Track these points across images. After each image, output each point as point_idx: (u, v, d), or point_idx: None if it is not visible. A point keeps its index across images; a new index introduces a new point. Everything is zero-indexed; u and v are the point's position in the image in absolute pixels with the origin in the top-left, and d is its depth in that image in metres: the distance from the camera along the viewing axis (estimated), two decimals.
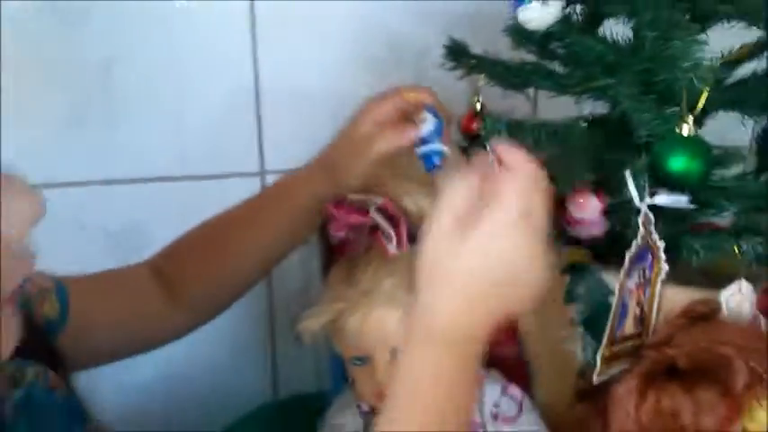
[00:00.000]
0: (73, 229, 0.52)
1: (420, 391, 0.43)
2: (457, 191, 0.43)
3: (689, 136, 0.47)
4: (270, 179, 0.84)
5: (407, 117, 0.61)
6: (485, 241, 0.41)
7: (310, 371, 0.93)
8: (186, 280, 0.64)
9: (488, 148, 0.44)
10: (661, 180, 0.48)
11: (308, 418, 0.69)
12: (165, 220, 0.73)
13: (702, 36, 0.49)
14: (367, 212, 0.55)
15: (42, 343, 0.51)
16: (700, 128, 0.60)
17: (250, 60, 0.81)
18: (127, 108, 0.77)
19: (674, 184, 0.48)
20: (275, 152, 0.84)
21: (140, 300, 0.62)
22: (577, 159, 0.50)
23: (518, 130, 0.59)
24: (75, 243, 0.75)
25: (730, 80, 0.60)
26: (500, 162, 0.43)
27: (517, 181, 0.42)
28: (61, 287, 0.56)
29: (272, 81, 0.82)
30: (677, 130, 0.47)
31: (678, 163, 0.46)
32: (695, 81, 0.47)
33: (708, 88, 0.47)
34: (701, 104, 0.47)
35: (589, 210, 0.50)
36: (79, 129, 0.72)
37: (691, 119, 0.47)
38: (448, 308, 0.42)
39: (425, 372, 0.43)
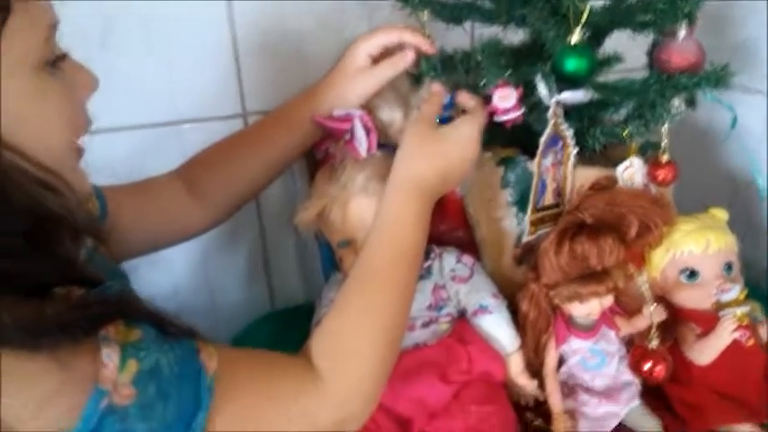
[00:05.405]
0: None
1: (388, 227, 0.61)
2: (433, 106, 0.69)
3: (576, 44, 0.62)
4: (251, 120, 0.97)
5: (391, 51, 0.75)
6: (453, 137, 0.66)
7: (300, 283, 1.07)
8: (207, 184, 0.76)
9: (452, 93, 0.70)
10: (561, 78, 0.63)
11: (301, 324, 0.80)
12: (165, 161, 0.81)
13: None
14: (349, 121, 0.69)
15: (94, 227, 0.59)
16: (599, 46, 0.75)
17: (226, 14, 0.91)
18: (122, 65, 0.88)
19: (569, 81, 0.63)
20: (254, 96, 0.96)
21: (167, 201, 0.75)
22: (496, 61, 0.65)
23: (451, 64, 0.74)
24: None
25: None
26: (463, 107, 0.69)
27: (475, 119, 0.67)
28: (99, 192, 0.67)
29: (247, 32, 0.92)
30: (568, 40, 0.62)
31: (570, 64, 0.61)
32: (576, 2, 0.61)
33: (588, 6, 0.61)
34: (584, 18, 0.61)
35: (510, 99, 0.65)
36: None
37: (577, 30, 0.62)
38: (422, 167, 0.64)
39: (395, 212, 0.62)
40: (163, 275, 0.98)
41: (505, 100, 0.64)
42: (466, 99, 0.70)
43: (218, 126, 0.89)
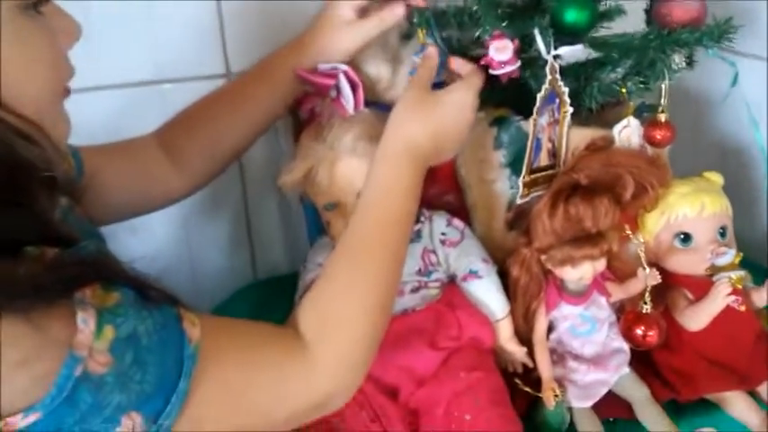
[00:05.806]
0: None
1: (379, 193, 0.59)
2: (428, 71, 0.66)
3: None
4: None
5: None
6: (448, 102, 0.63)
7: (284, 252, 1.05)
8: (187, 147, 0.74)
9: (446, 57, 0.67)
10: (559, 31, 0.61)
11: (285, 296, 0.79)
12: (145, 122, 0.77)
13: None
14: (334, 77, 0.66)
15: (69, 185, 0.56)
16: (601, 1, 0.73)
17: None
18: (103, 22, 0.83)
19: (568, 33, 0.61)
20: (238, 55, 0.92)
21: (145, 164, 0.72)
22: (492, 11, 0.62)
23: (444, 18, 0.72)
24: None
25: None
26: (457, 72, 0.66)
27: (471, 84, 0.64)
28: (75, 151, 0.65)
29: None
30: None
31: (571, 14, 0.59)
32: None
33: None
34: None
35: (506, 51, 0.63)
36: None
37: None
38: (415, 132, 0.61)
39: (386, 179, 0.60)
40: (141, 242, 0.94)
41: (502, 52, 0.62)
42: (460, 64, 0.67)
43: (201, 86, 0.85)
